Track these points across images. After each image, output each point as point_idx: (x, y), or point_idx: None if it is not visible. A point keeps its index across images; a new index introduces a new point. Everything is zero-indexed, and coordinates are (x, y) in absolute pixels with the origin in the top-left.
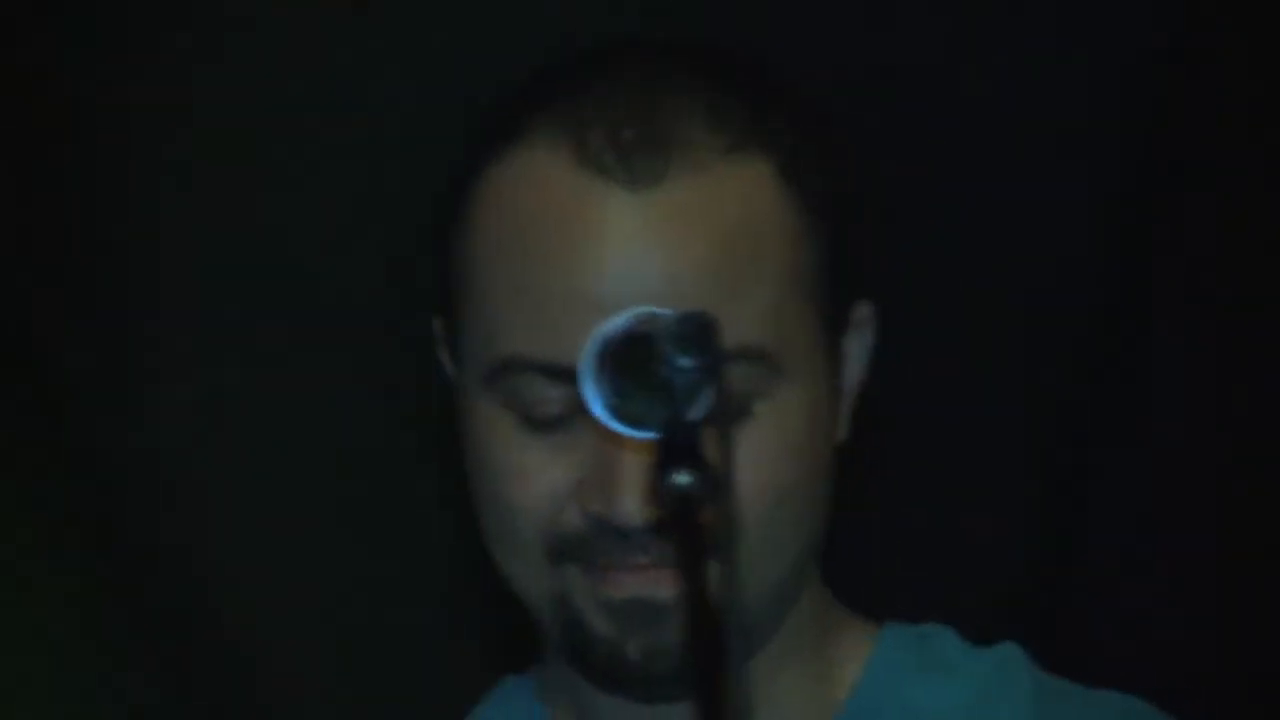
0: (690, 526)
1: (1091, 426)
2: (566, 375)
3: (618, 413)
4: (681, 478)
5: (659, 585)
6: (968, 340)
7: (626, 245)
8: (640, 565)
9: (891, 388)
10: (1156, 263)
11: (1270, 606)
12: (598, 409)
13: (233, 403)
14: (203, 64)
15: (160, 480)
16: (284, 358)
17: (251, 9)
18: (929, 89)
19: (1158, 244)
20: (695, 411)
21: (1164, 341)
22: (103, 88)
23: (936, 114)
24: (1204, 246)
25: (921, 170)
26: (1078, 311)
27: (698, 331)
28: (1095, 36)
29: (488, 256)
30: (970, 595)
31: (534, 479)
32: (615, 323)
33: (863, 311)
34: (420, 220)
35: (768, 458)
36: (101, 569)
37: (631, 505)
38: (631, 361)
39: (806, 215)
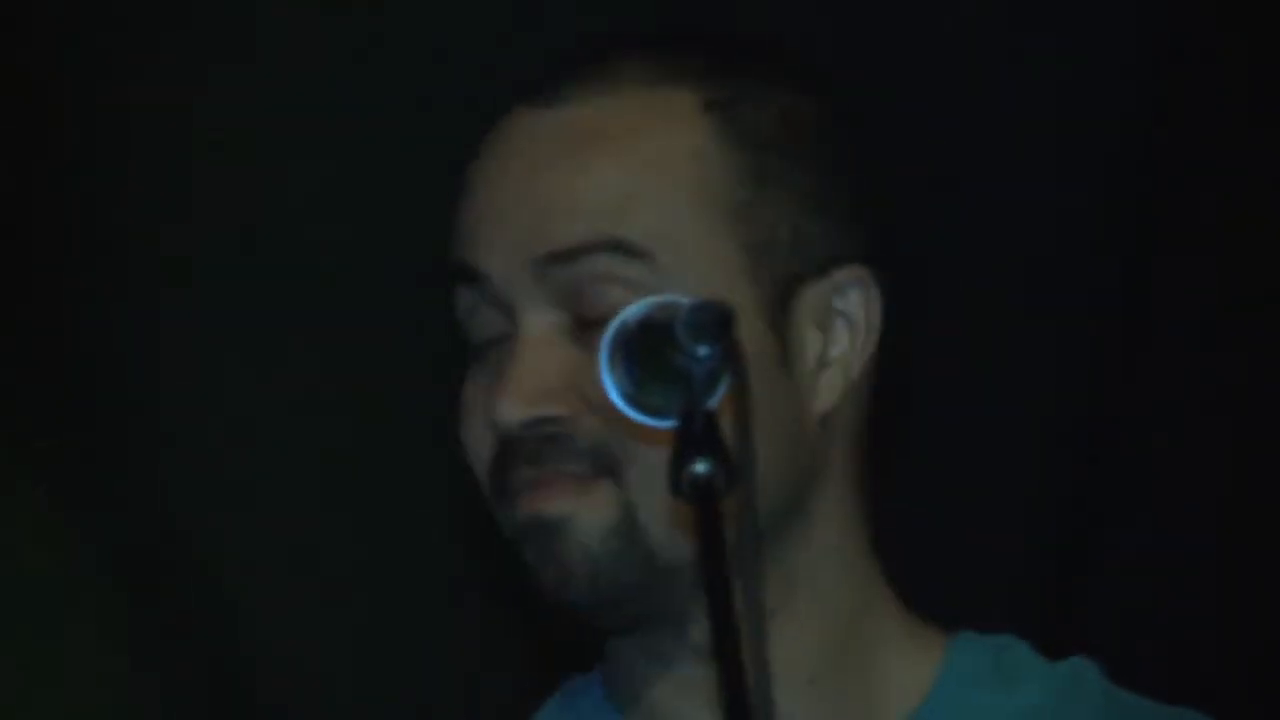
0: (711, 514)
1: (1090, 426)
2: (467, 275)
3: (636, 401)
4: (700, 466)
5: (548, 500)
6: (968, 340)
7: (520, 149)
8: (533, 480)
9: (889, 387)
10: (1156, 263)
11: (1274, 605)
12: (615, 397)
13: (240, 398)
14: (203, 64)
15: (169, 475)
16: (291, 352)
17: (251, 8)
18: (929, 89)
19: (1158, 244)
20: (713, 399)
21: (1164, 341)
22: (103, 88)
23: (936, 114)
24: (1204, 246)
25: (922, 170)
26: (1078, 312)
27: (714, 319)
28: (1095, 36)
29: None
30: (971, 597)
31: (474, 415)
32: (631, 311)
33: (854, 273)
34: (420, 215)
35: None
36: (111, 562)
37: (506, 403)
38: (648, 349)
39: (736, 148)
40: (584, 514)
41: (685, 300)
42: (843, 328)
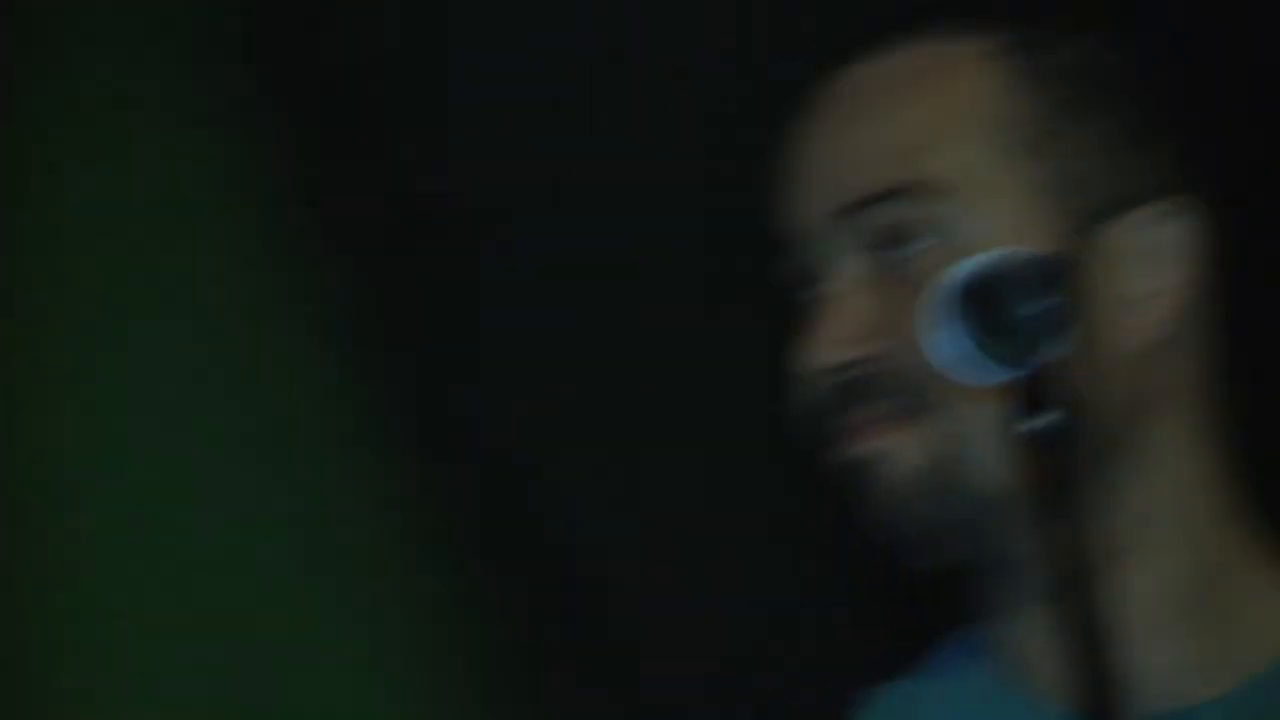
0: (1054, 465)
1: None
2: (785, 237)
3: (975, 356)
4: (1040, 420)
5: (864, 442)
6: None
7: (824, 110)
8: (849, 424)
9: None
10: None
11: None
12: (952, 353)
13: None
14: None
15: (508, 414)
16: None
17: None
18: None
19: None
20: (1052, 352)
21: None
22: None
23: None
24: None
25: None
26: None
27: (1052, 271)
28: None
29: None
30: None
31: (798, 366)
32: (969, 265)
33: (1163, 207)
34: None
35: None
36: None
37: (817, 349)
38: (987, 304)
39: (1035, 88)
40: (899, 454)
41: (1020, 253)
42: (1154, 261)
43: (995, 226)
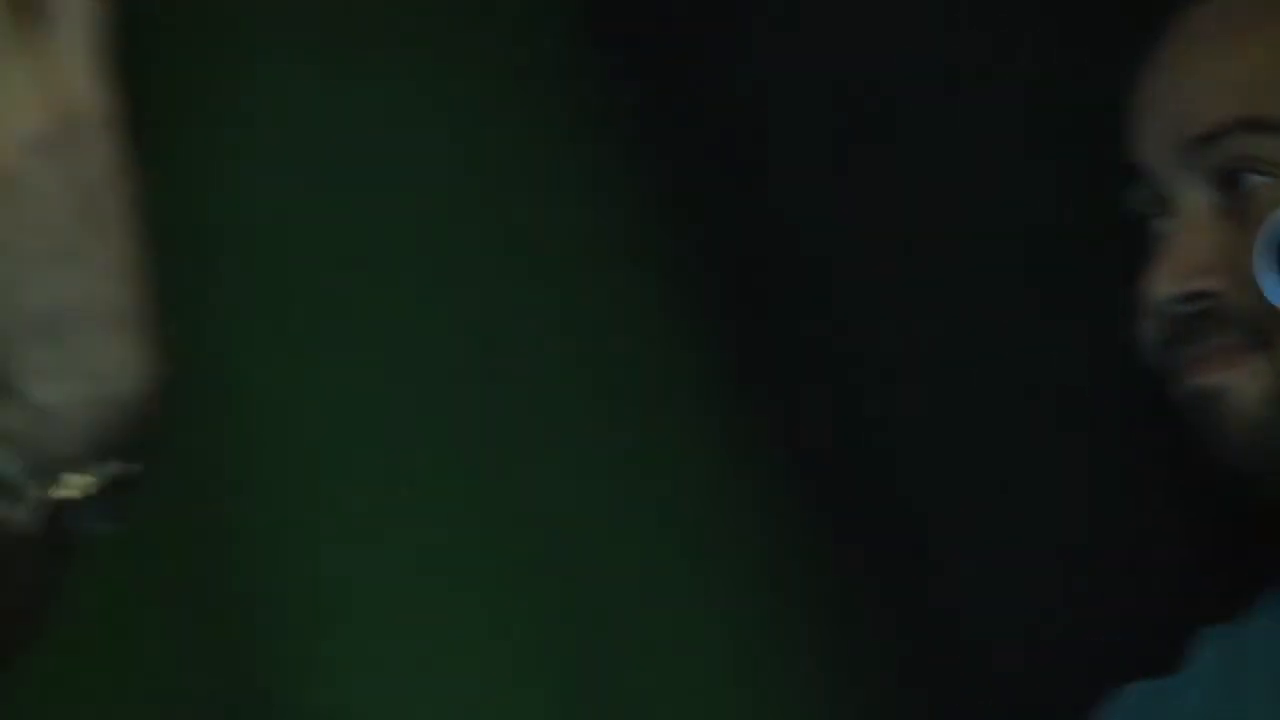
0: None
1: None
2: (1133, 171)
3: None
4: None
5: (1205, 372)
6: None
7: (1173, 43)
8: (1191, 355)
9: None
10: None
11: None
12: (1274, 294)
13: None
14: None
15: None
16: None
17: None
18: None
19: None
20: None
21: None
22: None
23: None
24: None
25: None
26: None
27: None
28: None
29: None
30: None
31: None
32: None
33: None
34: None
35: None
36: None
37: (1159, 281)
38: None
39: None
40: (1240, 385)
41: None
42: None
43: None
